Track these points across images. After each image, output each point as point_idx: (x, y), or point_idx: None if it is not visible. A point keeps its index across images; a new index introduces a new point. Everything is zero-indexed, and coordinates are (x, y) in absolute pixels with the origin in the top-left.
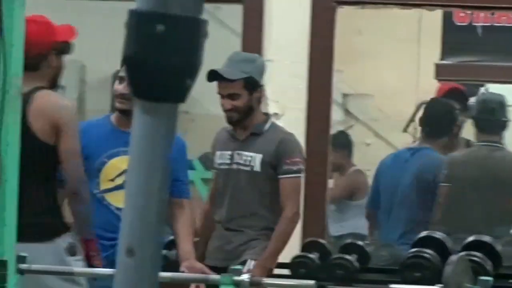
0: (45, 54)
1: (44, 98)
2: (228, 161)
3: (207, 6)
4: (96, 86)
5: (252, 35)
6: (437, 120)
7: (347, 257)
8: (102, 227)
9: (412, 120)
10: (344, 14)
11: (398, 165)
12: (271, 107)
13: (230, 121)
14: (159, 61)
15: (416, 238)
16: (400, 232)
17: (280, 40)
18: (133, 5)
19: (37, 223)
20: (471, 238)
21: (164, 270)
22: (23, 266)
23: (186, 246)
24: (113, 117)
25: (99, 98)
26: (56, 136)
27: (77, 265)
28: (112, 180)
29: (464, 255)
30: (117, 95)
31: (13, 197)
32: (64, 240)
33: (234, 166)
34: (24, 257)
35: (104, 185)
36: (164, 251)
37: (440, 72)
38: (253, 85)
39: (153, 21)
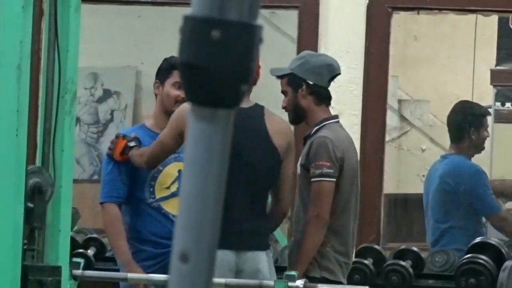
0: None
1: (276, 116)
2: None
3: (263, 12)
4: (151, 92)
5: (308, 41)
6: (453, 124)
7: (402, 263)
8: (160, 235)
9: None
10: (399, 20)
11: (431, 172)
12: None
13: (289, 120)
14: (215, 67)
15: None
16: (432, 239)
17: (336, 45)
18: (188, 11)
19: (264, 231)
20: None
21: None
22: (77, 272)
23: None
24: (150, 124)
25: (154, 103)
26: (284, 156)
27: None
28: (168, 187)
29: None
30: (178, 100)
31: (67, 204)
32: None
33: None
34: (79, 263)
35: (159, 193)
36: None
37: (496, 77)
38: (295, 82)
39: (209, 27)
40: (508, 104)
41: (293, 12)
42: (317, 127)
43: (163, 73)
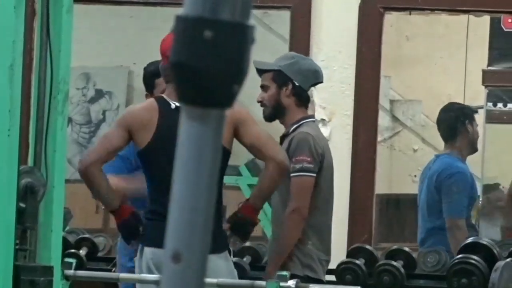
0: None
1: None
2: None
3: (255, 12)
4: (143, 92)
5: (300, 41)
6: (444, 123)
7: (394, 263)
8: None
9: None
10: (391, 20)
11: (423, 172)
12: (318, 113)
13: (263, 115)
14: (207, 67)
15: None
16: (419, 239)
17: (328, 45)
18: (180, 11)
19: (216, 234)
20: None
21: None
22: (69, 272)
23: None
24: None
25: None
26: (236, 136)
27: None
28: None
29: (511, 261)
30: None
31: (59, 204)
32: (230, 254)
33: None
34: (71, 263)
35: None
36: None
37: (488, 78)
38: (281, 80)
39: (201, 27)
40: (500, 105)
41: (286, 12)
42: (295, 126)
43: (148, 85)
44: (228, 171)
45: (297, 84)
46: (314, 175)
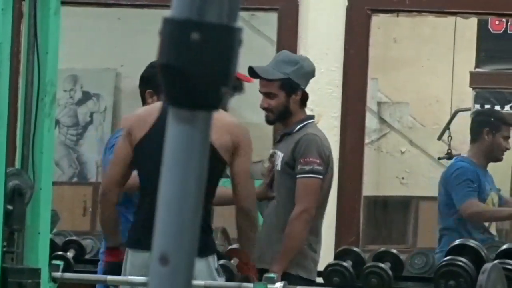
0: None
1: (222, 116)
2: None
3: (243, 14)
4: (130, 94)
5: (287, 43)
6: (472, 125)
7: (381, 265)
8: None
9: (447, 128)
10: (379, 22)
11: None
12: None
13: (266, 120)
14: (194, 69)
15: (448, 246)
16: (438, 238)
17: (315, 48)
18: (167, 13)
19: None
20: (505, 246)
21: None
22: (56, 274)
23: None
24: None
25: (134, 105)
26: (233, 155)
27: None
28: None
29: (498, 263)
30: None
31: (47, 206)
32: (214, 260)
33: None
34: (58, 265)
35: None
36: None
37: (475, 80)
38: (291, 87)
39: (188, 29)
40: (487, 107)
41: (273, 15)
42: (299, 126)
43: (159, 85)
44: None
45: (303, 88)
46: (322, 177)
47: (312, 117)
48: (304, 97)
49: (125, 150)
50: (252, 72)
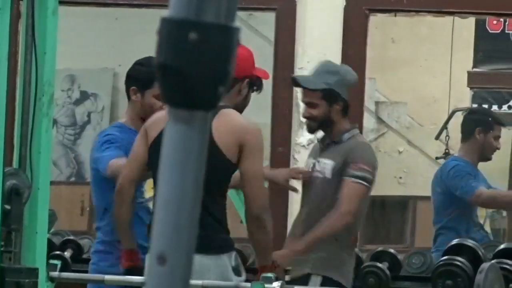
0: (241, 79)
1: (231, 116)
2: (311, 169)
3: (240, 14)
4: None
5: (285, 43)
6: (463, 124)
7: (379, 265)
8: (146, 239)
9: (444, 127)
10: (377, 22)
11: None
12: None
13: (308, 128)
14: (192, 69)
15: (446, 245)
16: (433, 239)
17: (313, 48)
18: (165, 13)
19: (206, 235)
20: (502, 246)
21: None
22: (54, 274)
23: None
24: (133, 126)
25: None
26: (240, 155)
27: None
28: (154, 187)
29: (496, 263)
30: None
31: (44, 205)
32: (230, 258)
33: (315, 174)
34: (56, 265)
35: (149, 193)
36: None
37: (473, 80)
38: (333, 97)
39: (186, 29)
40: (485, 106)
41: (271, 14)
42: (347, 135)
43: (142, 82)
44: None
45: (344, 98)
46: (369, 186)
47: (356, 126)
48: (346, 107)
49: (141, 148)
50: (295, 82)
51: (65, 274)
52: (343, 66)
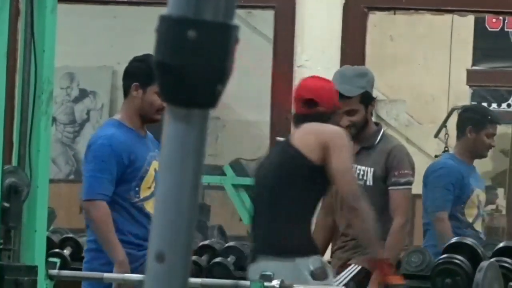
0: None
1: (313, 125)
2: None
3: (239, 12)
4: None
5: (284, 41)
6: (457, 122)
7: None
8: (142, 237)
9: (443, 126)
10: (375, 20)
11: None
12: None
13: (351, 137)
14: (190, 67)
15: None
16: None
17: (312, 46)
18: (164, 11)
19: (281, 240)
20: (501, 244)
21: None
22: (53, 272)
23: None
24: (130, 124)
25: None
26: (323, 156)
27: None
28: (149, 187)
29: (495, 261)
30: (160, 109)
31: (43, 203)
32: (310, 262)
33: None
34: (55, 263)
35: (143, 193)
36: (195, 257)
37: (472, 78)
38: (368, 99)
39: (185, 27)
40: (484, 104)
41: (269, 12)
42: (378, 136)
43: (145, 78)
44: (212, 170)
45: (375, 97)
46: (412, 186)
47: (380, 124)
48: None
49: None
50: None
51: (64, 272)
52: (365, 67)
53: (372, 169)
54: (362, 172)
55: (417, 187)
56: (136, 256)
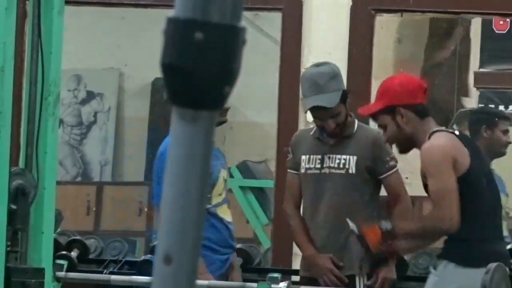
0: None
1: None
2: (318, 166)
3: (246, 14)
4: (134, 94)
5: (291, 43)
6: (468, 124)
7: None
8: (218, 243)
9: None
10: (383, 22)
11: None
12: (309, 116)
13: (334, 137)
14: (198, 69)
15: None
16: None
17: (319, 47)
18: (171, 13)
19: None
20: (509, 246)
21: None
22: (60, 274)
23: None
24: None
25: (138, 105)
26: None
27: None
28: (220, 194)
29: (502, 263)
30: None
31: (50, 205)
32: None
33: (326, 170)
34: (62, 265)
35: (215, 200)
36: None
37: (479, 80)
38: (346, 96)
39: (192, 29)
40: (491, 106)
41: (277, 14)
42: (355, 125)
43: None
44: None
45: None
46: None
47: (352, 113)
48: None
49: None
50: (316, 107)
51: (71, 274)
52: (329, 63)
53: (354, 157)
54: (343, 161)
55: (420, 190)
56: (211, 259)
